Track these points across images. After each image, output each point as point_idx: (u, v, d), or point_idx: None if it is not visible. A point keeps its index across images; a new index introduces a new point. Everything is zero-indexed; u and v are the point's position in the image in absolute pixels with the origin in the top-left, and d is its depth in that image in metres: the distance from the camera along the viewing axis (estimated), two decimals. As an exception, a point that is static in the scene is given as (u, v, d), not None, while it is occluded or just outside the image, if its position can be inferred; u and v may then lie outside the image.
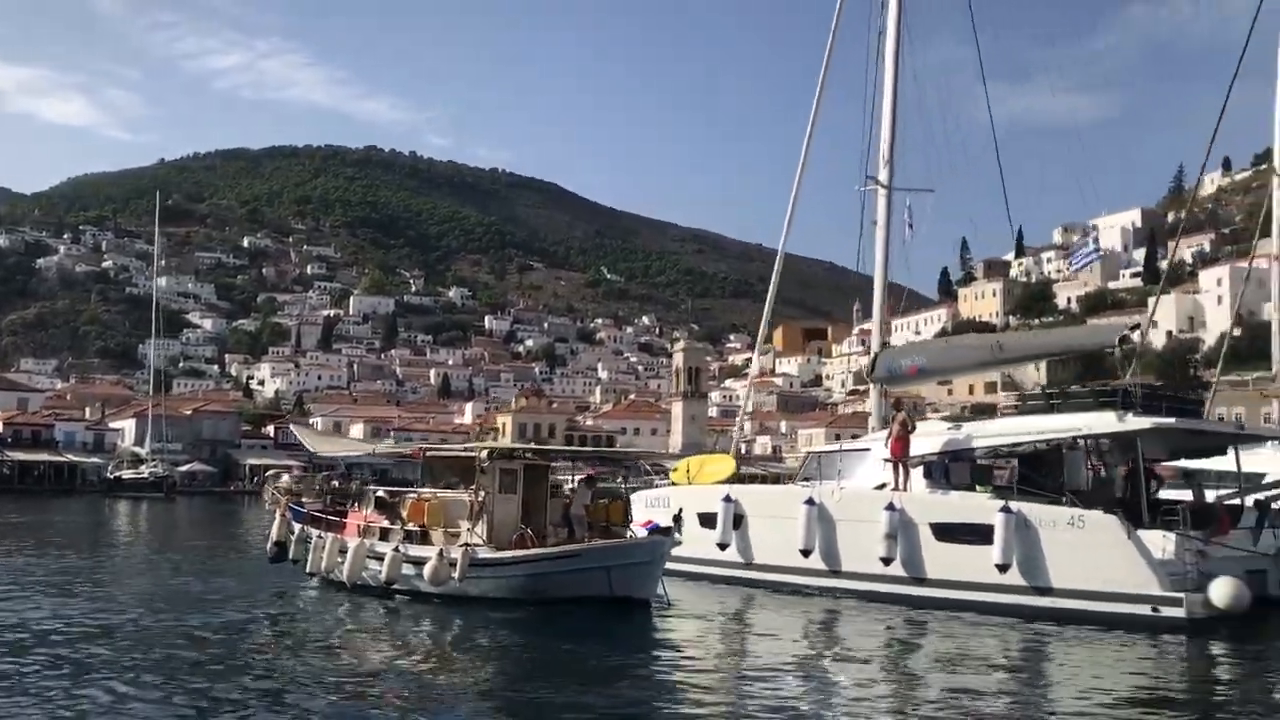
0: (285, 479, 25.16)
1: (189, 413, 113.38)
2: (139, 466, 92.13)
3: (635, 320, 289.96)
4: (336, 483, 24.59)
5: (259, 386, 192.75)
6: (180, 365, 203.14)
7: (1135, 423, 18.76)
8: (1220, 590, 16.92)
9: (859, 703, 12.34)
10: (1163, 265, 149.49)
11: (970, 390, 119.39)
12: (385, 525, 20.70)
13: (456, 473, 20.70)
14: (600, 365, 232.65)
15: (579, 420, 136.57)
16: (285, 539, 22.62)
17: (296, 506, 22.84)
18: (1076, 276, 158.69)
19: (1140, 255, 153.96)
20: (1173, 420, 18.81)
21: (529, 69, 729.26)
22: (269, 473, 27.10)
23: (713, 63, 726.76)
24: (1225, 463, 22.84)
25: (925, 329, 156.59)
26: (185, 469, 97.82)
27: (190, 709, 11.20)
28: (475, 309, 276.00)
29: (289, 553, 22.50)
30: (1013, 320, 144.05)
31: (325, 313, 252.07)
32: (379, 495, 21.81)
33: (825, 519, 21.24)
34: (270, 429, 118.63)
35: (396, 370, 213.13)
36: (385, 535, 20.47)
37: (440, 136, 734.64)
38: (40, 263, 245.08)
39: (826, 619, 19.09)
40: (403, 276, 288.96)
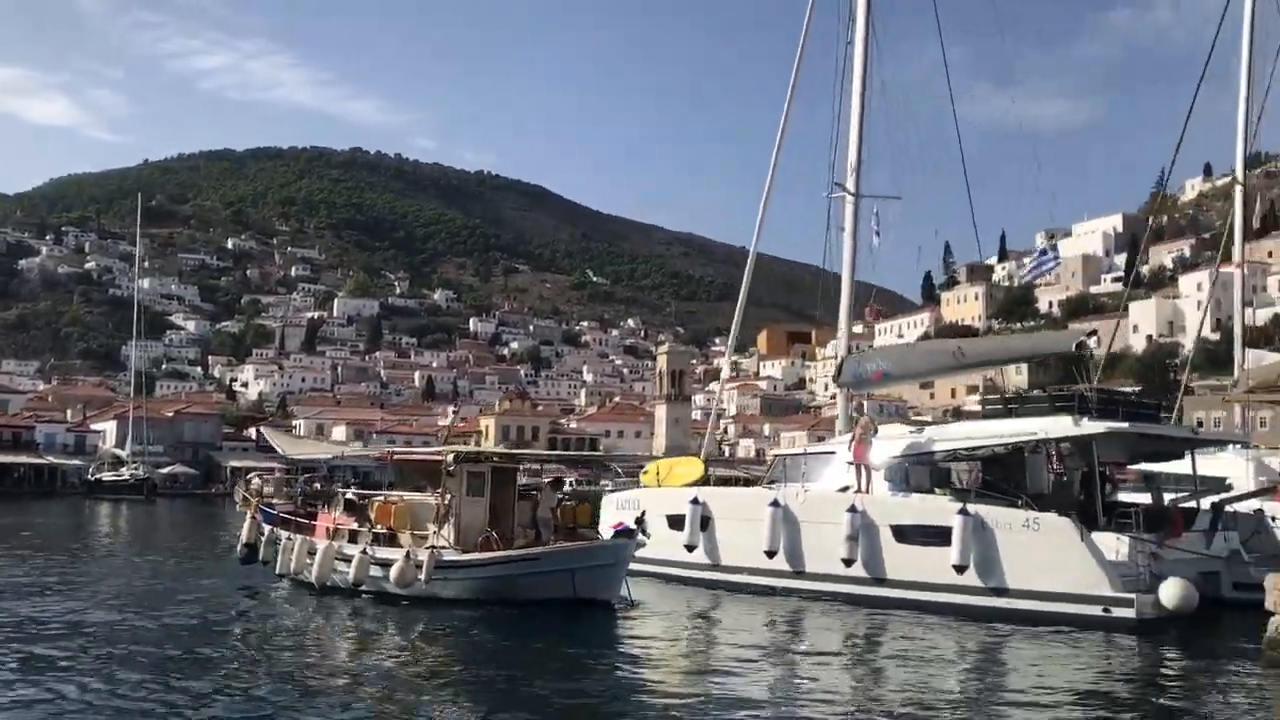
0: (256, 481, 25.34)
1: (170, 415, 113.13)
2: (119, 469, 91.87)
3: (621, 323, 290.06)
4: (319, 485, 24.75)
5: (242, 389, 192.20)
6: (163, 367, 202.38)
7: (1090, 427, 19.13)
8: (1170, 591, 17.28)
9: (814, 701, 12.58)
10: (1144, 270, 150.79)
11: (952, 394, 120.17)
12: (354, 527, 20.91)
13: (424, 476, 20.91)
14: (585, 368, 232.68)
15: (562, 423, 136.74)
16: (255, 540, 22.81)
17: (267, 508, 23.04)
18: (1058, 281, 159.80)
19: (1121, 260, 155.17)
20: (1126, 425, 19.18)
21: (515, 72, 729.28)
22: (249, 475, 27.22)
23: (700, 66, 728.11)
24: (1187, 466, 23.25)
25: (908, 333, 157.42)
26: (166, 471, 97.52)
27: (149, 707, 11.40)
28: (460, 311, 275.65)
29: (259, 554, 22.69)
30: (995, 324, 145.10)
31: (309, 315, 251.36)
32: (348, 498, 22.02)
33: (789, 521, 21.55)
34: (252, 431, 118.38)
35: (381, 372, 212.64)
36: (354, 537, 20.68)
37: (426, 139, 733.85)
38: (22, 264, 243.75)
39: (787, 619, 19.37)
40: (387, 279, 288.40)
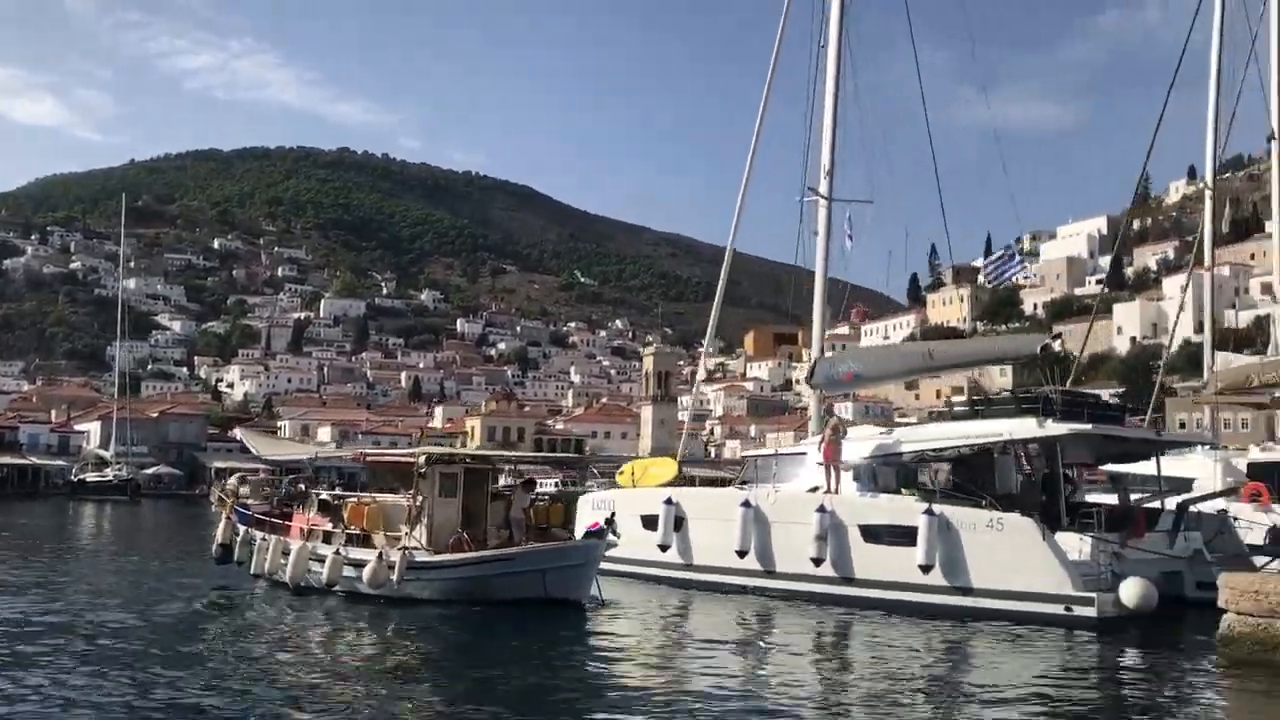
0: (232, 481, 25.46)
1: (155, 415, 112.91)
2: (103, 469, 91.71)
3: (608, 324, 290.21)
4: (303, 485, 24.85)
5: (228, 389, 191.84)
6: (149, 367, 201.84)
7: (1054, 428, 19.41)
8: (1130, 591, 17.55)
9: (776, 699, 12.77)
10: (1128, 272, 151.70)
11: (937, 395, 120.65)
12: (328, 528, 21.06)
13: (397, 477, 21.08)
14: (573, 369, 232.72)
15: (549, 424, 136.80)
16: (230, 541, 22.96)
17: (242, 509, 23.17)
18: (1043, 282, 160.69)
19: (1106, 262, 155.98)
20: (1090, 426, 19.46)
21: (504, 72, 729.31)
22: (232, 475, 27.33)
23: (687, 67, 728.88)
24: (1154, 467, 23.54)
25: (894, 334, 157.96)
26: (151, 472, 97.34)
27: (116, 704, 11.54)
28: (447, 312, 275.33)
29: (234, 554, 22.83)
30: (979, 326, 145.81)
31: (296, 315, 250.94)
32: (322, 498, 22.17)
33: (760, 521, 21.77)
34: (237, 432, 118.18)
35: (367, 373, 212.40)
36: (328, 538, 20.84)
37: (413, 139, 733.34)
38: (7, 263, 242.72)
39: (756, 618, 19.60)
40: (374, 279, 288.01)
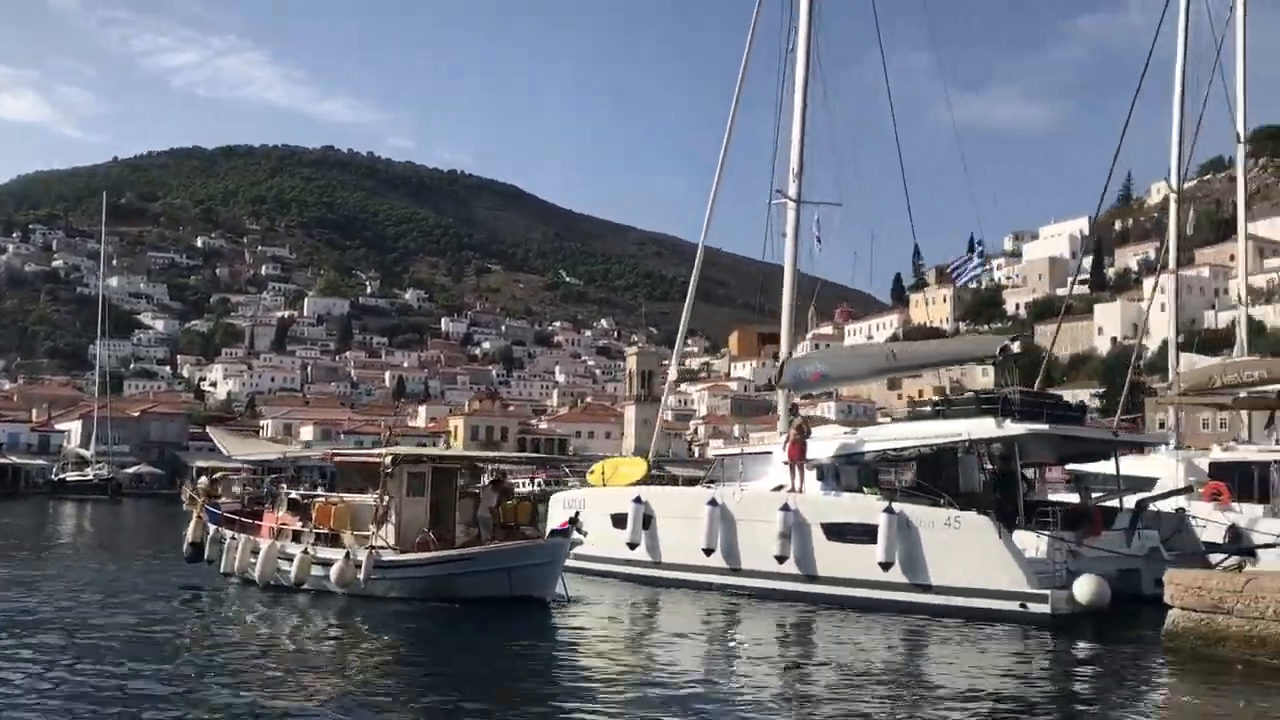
0: (203, 480, 25.62)
1: (136, 414, 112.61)
2: (84, 469, 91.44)
3: (594, 323, 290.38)
4: (285, 485, 25.02)
5: (211, 388, 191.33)
6: (131, 366, 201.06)
7: (1012, 428, 19.76)
8: (1083, 588, 17.91)
9: (737, 693, 13.05)
10: (1109, 273, 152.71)
11: (920, 394, 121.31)
12: (297, 527, 21.26)
13: (365, 477, 21.28)
14: (558, 369, 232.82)
15: (532, 423, 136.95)
16: (201, 539, 23.14)
17: (212, 508, 23.35)
18: (1025, 283, 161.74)
19: (1089, 263, 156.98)
20: (1046, 426, 19.81)
21: (493, 72, 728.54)
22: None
23: (673, 66, 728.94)
24: (1125, 465, 23.95)
25: (877, 334, 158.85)
26: (132, 471, 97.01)
27: (78, 700, 11.72)
28: (432, 311, 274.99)
29: (204, 553, 23.01)
30: (962, 326, 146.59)
31: (279, 314, 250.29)
32: (292, 498, 22.37)
33: (727, 519, 22.06)
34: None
35: (351, 372, 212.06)
36: (297, 537, 21.04)
37: (402, 138, 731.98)
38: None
39: (719, 614, 19.90)
40: (358, 278, 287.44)
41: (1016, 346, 21.51)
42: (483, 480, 23.56)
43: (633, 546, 23.63)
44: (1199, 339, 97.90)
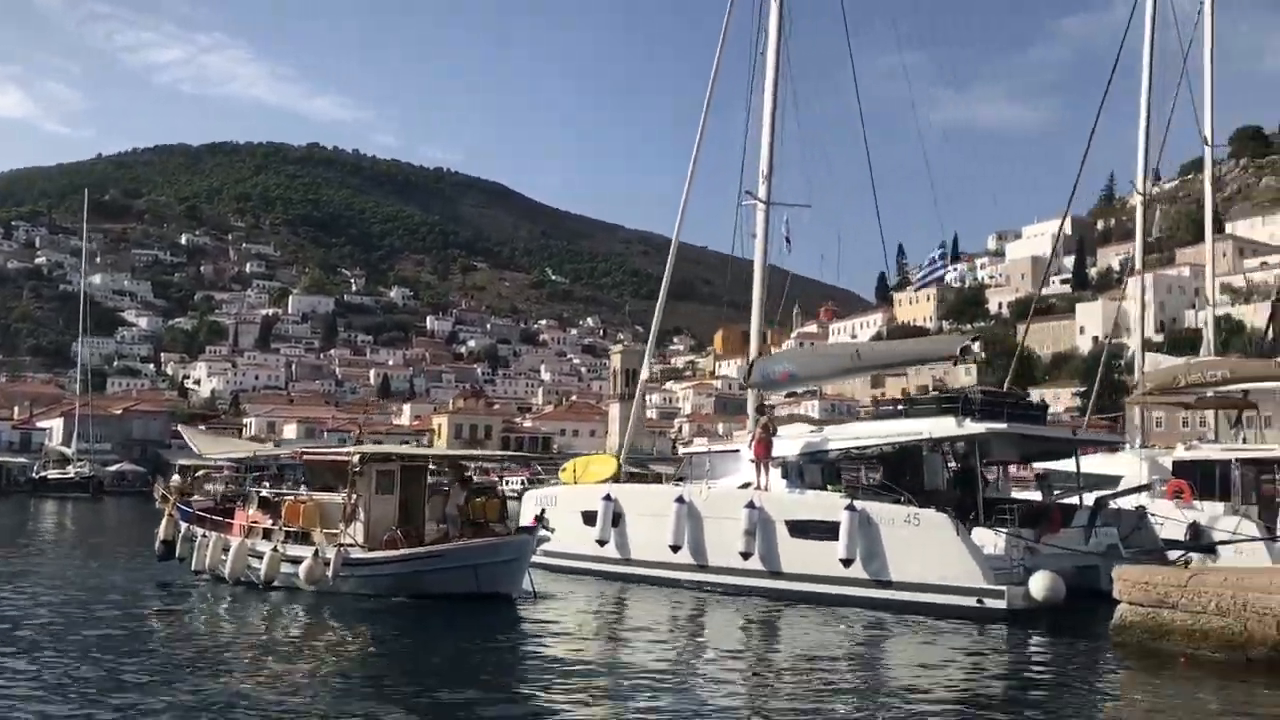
0: (175, 478, 25.78)
1: (119, 412, 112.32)
2: (65, 466, 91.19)
3: (579, 322, 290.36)
4: (268, 483, 25.18)
5: (195, 386, 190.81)
6: (115, 364, 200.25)
7: (972, 427, 20.06)
8: (1039, 584, 18.23)
9: (697, 687, 13.32)
10: (1092, 272, 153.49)
11: (902, 393, 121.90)
12: (268, 525, 21.45)
13: (335, 475, 21.47)
14: (543, 367, 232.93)
15: (517, 422, 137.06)
16: (173, 537, 23.31)
17: (184, 506, 23.53)
18: (1008, 282, 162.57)
19: (1070, 262, 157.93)
20: (1005, 425, 20.13)
21: (481, 70, 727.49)
22: (200, 473, 27.61)
23: (661, 66, 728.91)
24: (1088, 464, 24.32)
25: (861, 333, 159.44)
26: (114, 469, 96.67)
27: (44, 696, 11.89)
28: (417, 309, 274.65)
29: (176, 550, 23.18)
30: (945, 325, 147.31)
31: (264, 312, 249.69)
32: (262, 496, 22.57)
33: (694, 516, 22.35)
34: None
35: (336, 370, 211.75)
36: (267, 535, 21.23)
37: (386, 136, 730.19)
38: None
39: (685, 610, 20.17)
40: (343, 276, 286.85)
41: (977, 347, 21.82)
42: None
43: (602, 544, 23.91)
44: (1174, 338, 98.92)
